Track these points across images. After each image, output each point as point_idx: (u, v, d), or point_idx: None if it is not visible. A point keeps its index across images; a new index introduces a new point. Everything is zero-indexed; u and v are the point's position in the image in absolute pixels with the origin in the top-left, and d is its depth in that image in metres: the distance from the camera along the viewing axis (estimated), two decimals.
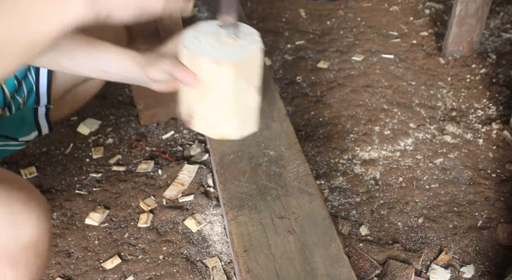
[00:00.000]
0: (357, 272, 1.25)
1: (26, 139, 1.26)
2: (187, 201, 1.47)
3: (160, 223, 1.41)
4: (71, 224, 1.42)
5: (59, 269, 1.30)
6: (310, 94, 1.92)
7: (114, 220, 1.43)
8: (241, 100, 0.94)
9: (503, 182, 1.52)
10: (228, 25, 0.93)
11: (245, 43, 0.93)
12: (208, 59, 0.87)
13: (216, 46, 0.91)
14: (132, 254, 1.33)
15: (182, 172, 1.54)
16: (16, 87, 1.19)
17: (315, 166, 1.59)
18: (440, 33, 2.22)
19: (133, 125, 1.78)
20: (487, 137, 1.68)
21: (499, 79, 1.93)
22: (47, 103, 1.26)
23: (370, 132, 1.72)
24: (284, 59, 2.13)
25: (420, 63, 2.06)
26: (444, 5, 2.44)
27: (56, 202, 1.49)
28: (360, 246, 1.33)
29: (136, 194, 1.50)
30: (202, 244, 1.35)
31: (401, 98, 1.87)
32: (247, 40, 0.94)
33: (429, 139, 1.68)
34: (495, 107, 1.80)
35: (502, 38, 2.16)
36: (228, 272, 1.27)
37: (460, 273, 1.27)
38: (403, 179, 1.54)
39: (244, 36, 0.95)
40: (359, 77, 1.98)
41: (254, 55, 0.92)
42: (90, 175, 1.58)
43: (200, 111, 0.95)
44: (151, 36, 1.55)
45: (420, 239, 1.36)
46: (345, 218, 1.42)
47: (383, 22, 2.34)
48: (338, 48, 2.17)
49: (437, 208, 1.45)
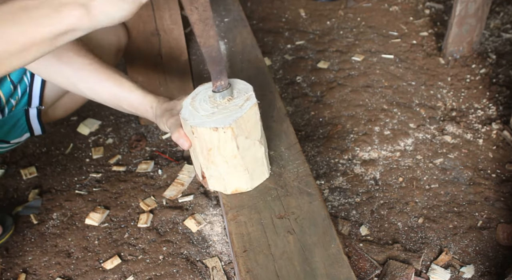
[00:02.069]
0: (357, 272, 1.25)
1: (17, 141, 1.26)
2: (187, 201, 1.47)
3: (160, 223, 1.41)
4: (71, 224, 1.42)
5: (59, 269, 1.30)
6: (310, 94, 1.92)
7: (114, 220, 1.43)
8: (247, 156, 1.00)
9: (503, 182, 1.52)
10: (221, 89, 0.98)
11: (240, 101, 0.98)
12: (207, 128, 0.93)
13: (213, 112, 0.96)
14: (132, 254, 1.33)
15: (182, 172, 1.54)
16: (11, 92, 1.19)
17: (315, 166, 1.59)
18: (440, 33, 2.22)
19: (133, 125, 1.78)
20: (487, 137, 1.68)
21: (499, 79, 1.93)
22: (38, 104, 1.25)
23: (370, 132, 1.72)
24: (284, 59, 2.13)
25: (420, 63, 2.05)
26: (444, 5, 2.44)
27: (56, 202, 1.49)
28: (360, 246, 1.33)
29: (136, 194, 1.50)
30: (202, 244, 1.35)
31: (401, 98, 1.87)
32: (242, 98, 0.99)
33: (429, 139, 1.68)
34: (495, 107, 1.80)
35: (502, 38, 2.16)
36: (228, 272, 1.27)
37: (460, 273, 1.27)
38: (403, 179, 1.54)
39: (238, 94, 1.00)
40: (359, 77, 1.98)
41: (249, 112, 0.96)
42: (90, 175, 1.58)
43: (211, 172, 1.02)
44: (151, 36, 1.55)
45: (420, 239, 1.36)
46: (345, 218, 1.42)
47: (383, 22, 2.34)
48: (338, 48, 2.17)
49: (437, 208, 1.45)
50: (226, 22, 1.80)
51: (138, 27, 1.52)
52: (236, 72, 1.55)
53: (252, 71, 1.54)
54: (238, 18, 1.81)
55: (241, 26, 1.76)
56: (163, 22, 1.53)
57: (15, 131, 1.23)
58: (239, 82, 1.04)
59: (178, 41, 1.58)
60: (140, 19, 1.51)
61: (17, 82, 1.20)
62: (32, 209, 1.47)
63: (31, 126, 1.26)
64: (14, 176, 1.60)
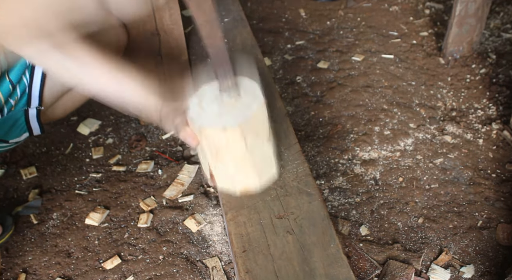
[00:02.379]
0: (357, 272, 1.25)
1: (16, 141, 1.26)
2: (187, 201, 1.47)
3: (160, 223, 1.41)
4: (71, 224, 1.42)
5: (59, 269, 1.30)
6: (310, 94, 1.92)
7: (114, 220, 1.43)
8: (256, 155, 0.99)
9: (503, 182, 1.52)
10: (228, 88, 0.97)
11: (247, 100, 0.96)
12: (214, 128, 0.92)
13: (220, 112, 0.95)
14: (132, 254, 1.33)
15: (182, 172, 1.54)
16: (10, 92, 1.19)
17: (315, 166, 1.59)
18: (440, 33, 2.22)
19: (133, 125, 1.78)
20: (487, 137, 1.68)
21: (499, 79, 1.93)
22: (38, 104, 1.25)
23: (370, 132, 1.71)
24: (284, 59, 2.13)
25: (420, 63, 2.05)
26: (444, 5, 2.44)
27: (56, 202, 1.49)
28: (360, 246, 1.33)
29: (136, 194, 1.50)
30: (202, 244, 1.35)
31: (401, 98, 1.87)
32: (249, 97, 0.97)
33: (429, 139, 1.68)
34: (495, 107, 1.80)
35: (502, 38, 2.16)
36: (228, 272, 1.27)
37: (460, 273, 1.27)
38: (403, 179, 1.54)
39: (245, 93, 0.98)
40: (359, 77, 1.98)
41: (258, 111, 0.95)
42: (90, 175, 1.58)
43: (220, 171, 1.01)
44: (151, 36, 1.55)
45: (420, 239, 1.36)
46: (345, 218, 1.42)
47: (383, 22, 2.34)
48: (338, 48, 2.17)
49: (437, 208, 1.45)
50: (226, 22, 1.80)
51: (138, 27, 1.52)
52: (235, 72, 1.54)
53: None
54: (238, 18, 1.81)
55: (241, 26, 1.76)
56: (163, 22, 1.53)
57: (14, 131, 1.23)
58: (245, 79, 1.02)
59: (178, 41, 1.58)
60: (140, 19, 1.51)
61: (16, 82, 1.20)
62: (32, 209, 1.47)
63: (30, 126, 1.26)
64: (14, 176, 1.60)
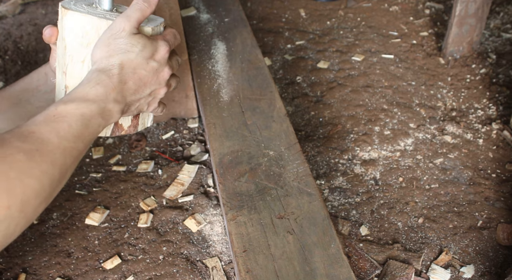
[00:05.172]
0: (357, 272, 1.25)
1: None
2: (187, 201, 1.47)
3: (160, 223, 1.41)
4: (71, 224, 1.42)
5: (59, 269, 1.30)
6: (310, 94, 1.92)
7: (114, 220, 1.43)
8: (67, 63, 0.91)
9: (503, 182, 1.52)
10: None
11: (111, 14, 0.90)
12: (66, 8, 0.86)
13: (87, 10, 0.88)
14: (132, 254, 1.33)
15: (182, 172, 1.54)
16: None
17: (315, 166, 1.59)
18: (440, 33, 2.22)
19: None
20: (487, 137, 1.68)
21: (499, 79, 1.93)
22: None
23: (370, 132, 1.72)
24: (284, 59, 2.13)
25: (420, 63, 2.05)
26: (444, 5, 2.44)
27: (56, 202, 1.49)
28: (360, 246, 1.33)
29: (136, 194, 1.50)
30: (202, 244, 1.35)
31: (401, 98, 1.87)
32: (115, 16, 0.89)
33: (429, 139, 1.68)
34: (495, 107, 1.80)
35: (502, 38, 2.16)
36: (228, 272, 1.27)
37: (460, 273, 1.27)
38: (403, 179, 1.54)
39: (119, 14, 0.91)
40: (359, 77, 1.98)
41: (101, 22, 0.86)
42: (90, 175, 1.58)
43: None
44: None
45: (420, 239, 1.36)
46: (345, 218, 1.42)
47: (383, 22, 2.34)
48: (338, 48, 2.17)
49: (437, 208, 1.45)
50: (226, 22, 1.80)
51: None
52: (236, 72, 1.55)
53: (252, 71, 1.54)
54: (238, 18, 1.81)
55: (241, 26, 1.76)
56: None
57: None
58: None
59: None
60: None
61: None
62: None
63: None
64: None
